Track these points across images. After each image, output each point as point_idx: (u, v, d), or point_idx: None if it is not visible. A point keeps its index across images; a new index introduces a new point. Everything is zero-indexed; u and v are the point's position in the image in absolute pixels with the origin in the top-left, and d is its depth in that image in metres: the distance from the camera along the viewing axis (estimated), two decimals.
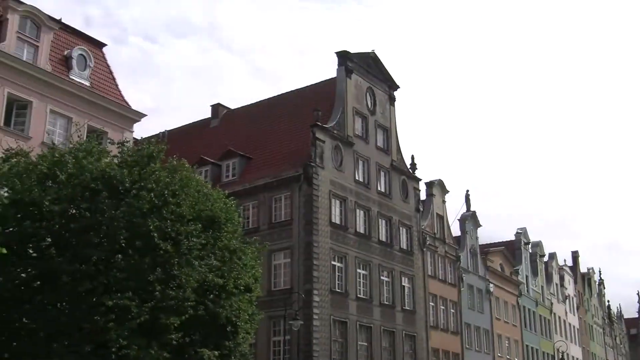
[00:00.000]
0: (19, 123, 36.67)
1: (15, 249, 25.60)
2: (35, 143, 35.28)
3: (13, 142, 32.78)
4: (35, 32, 38.47)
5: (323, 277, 45.36)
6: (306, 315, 42.41)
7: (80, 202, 26.64)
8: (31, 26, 38.42)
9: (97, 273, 25.38)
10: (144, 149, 28.59)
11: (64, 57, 40.17)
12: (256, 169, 50.53)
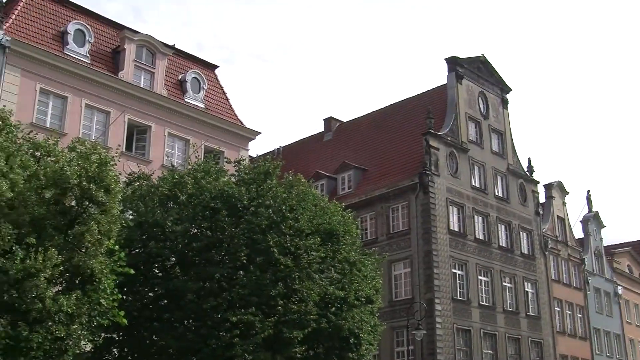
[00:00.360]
0: (139, 147, 37.98)
1: (141, 269, 26.43)
2: (156, 166, 36.44)
3: (135, 166, 33.94)
4: (150, 59, 39.81)
5: (444, 285, 44.91)
6: (429, 325, 42.04)
7: (201, 221, 27.28)
8: (147, 54, 39.78)
9: (220, 290, 25.88)
10: (260, 166, 29.05)
11: (178, 81, 41.39)
12: (372, 180, 50.54)
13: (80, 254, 21.65)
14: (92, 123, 36.20)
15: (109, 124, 36.34)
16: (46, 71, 34.92)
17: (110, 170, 22.51)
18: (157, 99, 38.86)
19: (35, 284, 19.83)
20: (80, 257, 21.45)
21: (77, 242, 21.80)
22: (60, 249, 21.10)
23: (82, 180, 21.54)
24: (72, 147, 23.41)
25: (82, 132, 34.70)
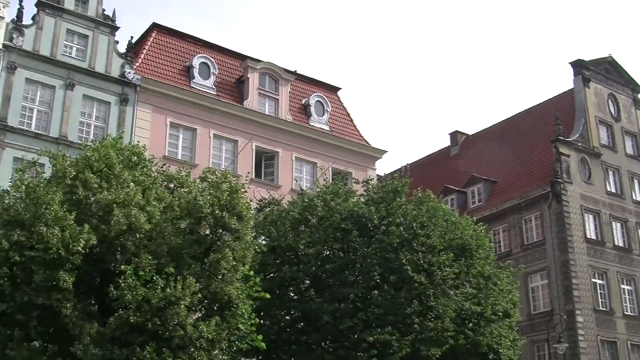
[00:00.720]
0: (268, 173, 38.67)
1: (277, 293, 26.79)
2: (285, 190, 36.96)
3: (265, 192, 34.52)
4: (274, 86, 40.55)
5: (584, 296, 43.41)
6: (570, 337, 40.70)
7: (332, 243, 27.45)
8: (270, 81, 40.55)
9: (356, 310, 25.92)
10: (389, 185, 29.02)
11: (302, 106, 41.95)
12: (502, 191, 49.60)
13: (217, 280, 22.14)
14: (221, 152, 37.12)
15: (237, 153, 37.16)
16: (175, 105, 36.10)
17: (241, 197, 22.95)
18: (283, 125, 39.50)
19: (176, 312, 20.39)
20: (217, 284, 21.93)
21: (213, 270, 22.31)
22: (197, 277, 21.64)
23: (215, 209, 22.06)
24: (203, 177, 24.03)
25: (212, 161, 35.61)
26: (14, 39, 32.46)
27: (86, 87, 33.78)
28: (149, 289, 20.48)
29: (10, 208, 21.61)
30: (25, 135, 31.40)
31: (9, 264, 20.59)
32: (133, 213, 21.44)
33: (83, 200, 22.18)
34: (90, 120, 33.63)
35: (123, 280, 20.56)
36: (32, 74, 32.62)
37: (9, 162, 30.37)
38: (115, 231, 21.60)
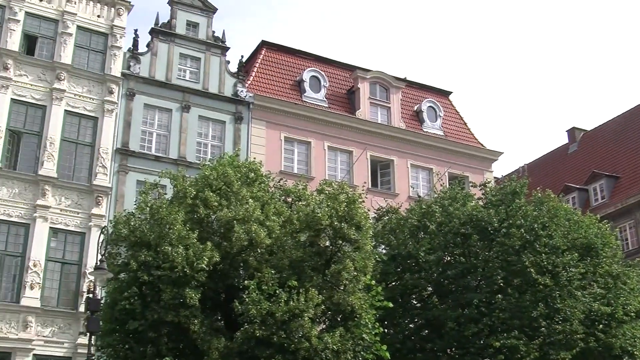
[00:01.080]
0: (384, 182, 38.64)
1: (399, 301, 26.70)
2: (402, 198, 36.84)
3: (382, 200, 34.53)
4: (385, 95, 40.53)
5: None
6: None
7: (453, 248, 27.17)
8: (380, 90, 40.57)
9: (480, 315, 25.53)
10: (507, 187, 28.53)
11: (414, 112, 41.77)
12: (626, 187, 47.89)
13: (339, 291, 22.22)
14: (336, 164, 37.33)
15: (352, 163, 37.29)
16: (288, 120, 36.57)
17: (359, 207, 23.01)
18: (396, 133, 39.41)
19: (300, 324, 20.58)
20: (339, 295, 22.01)
21: (335, 281, 22.41)
22: (320, 289, 21.78)
23: (334, 221, 22.17)
24: (320, 189, 24.21)
25: (328, 173, 35.84)
26: (131, 66, 33.65)
27: (201, 108, 34.64)
28: (273, 302, 20.74)
29: (136, 230, 22.34)
30: (146, 158, 32.43)
31: (138, 283, 21.26)
32: (253, 229, 21.81)
33: (204, 219, 22.73)
34: (207, 140, 34.45)
35: (247, 295, 20.92)
36: (150, 99, 33.69)
37: (132, 185, 31.44)
38: (237, 247, 22.03)
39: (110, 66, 32.91)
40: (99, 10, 33.87)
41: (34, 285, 28.31)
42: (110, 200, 30.93)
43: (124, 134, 32.43)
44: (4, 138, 29.72)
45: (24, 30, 31.93)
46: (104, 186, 30.79)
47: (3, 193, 29.16)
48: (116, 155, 31.91)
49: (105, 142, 31.62)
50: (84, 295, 27.08)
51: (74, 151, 31.30)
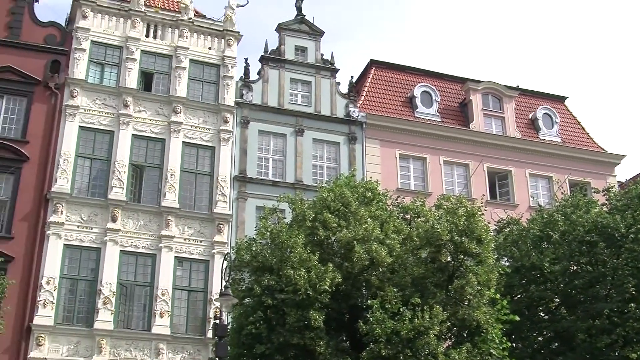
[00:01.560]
0: (503, 193, 37.98)
1: (526, 314, 26.13)
2: (523, 208, 36.11)
3: (502, 212, 33.97)
4: (498, 105, 39.93)
5: None
6: None
7: (579, 257, 26.40)
8: (493, 100, 39.99)
9: (613, 326, 24.65)
10: (632, 190, 27.58)
11: (530, 120, 40.96)
12: None
13: (464, 307, 21.97)
14: (452, 178, 36.96)
15: (469, 176, 36.84)
16: (402, 137, 36.45)
17: (479, 220, 22.76)
18: (512, 142, 38.71)
19: (426, 342, 20.44)
20: (464, 310, 21.76)
21: (458, 296, 22.18)
22: (444, 305, 21.60)
23: (454, 235, 22.00)
24: (438, 204, 24.07)
25: (445, 188, 35.51)
26: (244, 95, 34.35)
27: (315, 130, 34.96)
28: (397, 321, 20.68)
29: (258, 255, 22.75)
30: (264, 184, 32.93)
31: (263, 307, 21.58)
32: (374, 248, 21.87)
33: (324, 241, 22.92)
34: (322, 162, 34.72)
35: (371, 315, 20.93)
36: (264, 125, 34.26)
37: (252, 211, 31.99)
38: (358, 267, 22.11)
39: (224, 96, 33.68)
40: (210, 42, 34.77)
41: (163, 313, 29.10)
42: (231, 227, 31.54)
43: (241, 161, 33.07)
44: (127, 172, 30.79)
45: (141, 68, 33.09)
46: (224, 214, 31.43)
47: (129, 226, 30.18)
48: (234, 183, 32.56)
49: (223, 170, 32.31)
50: (211, 321, 27.68)
51: (193, 181, 32.12)
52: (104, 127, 31.40)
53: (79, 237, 29.41)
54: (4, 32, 31.63)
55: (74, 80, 31.41)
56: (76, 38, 32.35)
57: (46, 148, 30.26)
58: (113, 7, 33.65)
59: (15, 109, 30.75)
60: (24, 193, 29.36)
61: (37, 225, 29.06)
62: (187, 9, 34.59)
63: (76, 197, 29.91)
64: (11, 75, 30.80)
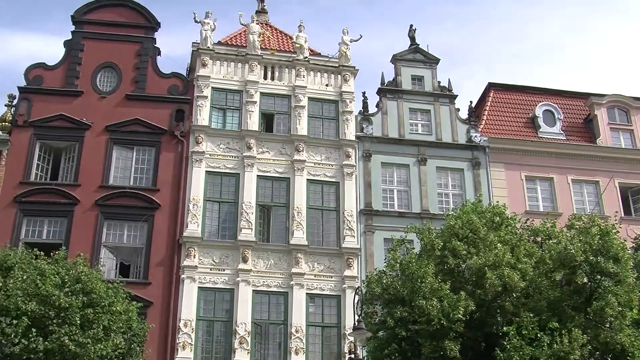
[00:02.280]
0: (638, 209, 36.58)
1: None
2: None
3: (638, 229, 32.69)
4: (625, 117, 38.67)
5: None
6: None
7: None
8: (619, 113, 38.76)
9: None
10: None
11: None
12: None
13: (605, 329, 21.28)
14: (582, 196, 35.89)
15: (600, 193, 35.73)
16: (526, 158, 35.76)
17: (614, 239, 22.10)
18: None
19: None
20: (605, 333, 21.09)
21: (598, 319, 21.51)
22: (583, 328, 20.97)
23: (589, 255, 21.42)
24: (570, 224, 23.48)
25: (575, 207, 34.50)
26: (364, 128, 34.53)
27: (437, 159, 34.74)
28: (535, 347, 20.24)
29: (389, 287, 22.71)
30: (390, 216, 32.88)
31: (397, 339, 21.50)
32: (506, 273, 21.50)
33: (455, 269, 22.71)
34: (447, 190, 34.42)
35: (508, 342, 20.53)
36: (386, 157, 34.30)
37: (380, 244, 31.96)
38: (491, 294, 21.77)
39: (345, 131, 33.98)
40: (327, 79, 35.23)
41: (299, 350, 29.33)
42: (360, 260, 31.59)
43: (366, 195, 33.17)
44: (255, 213, 31.40)
45: (261, 110, 33.82)
46: (352, 248, 31.53)
47: (260, 265, 30.69)
48: (361, 216, 32.66)
49: (349, 204, 32.48)
50: (346, 356, 27.67)
51: (320, 217, 32.42)
52: (229, 171, 32.20)
53: (212, 279, 30.13)
54: (130, 86, 33.06)
55: (198, 127, 32.44)
56: (197, 86, 33.46)
57: (176, 194, 31.28)
58: (231, 54, 34.67)
59: (144, 159, 32.01)
60: (157, 239, 30.37)
61: (172, 269, 29.97)
62: (302, 49, 35.22)
63: (207, 241, 30.70)
64: (139, 127, 32.14)
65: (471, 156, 35.17)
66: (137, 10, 34.85)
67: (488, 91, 39.86)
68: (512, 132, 37.29)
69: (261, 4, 40.59)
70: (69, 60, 33.34)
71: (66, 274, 22.56)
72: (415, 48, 37.43)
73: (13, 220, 29.78)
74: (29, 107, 31.89)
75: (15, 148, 31.04)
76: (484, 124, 37.15)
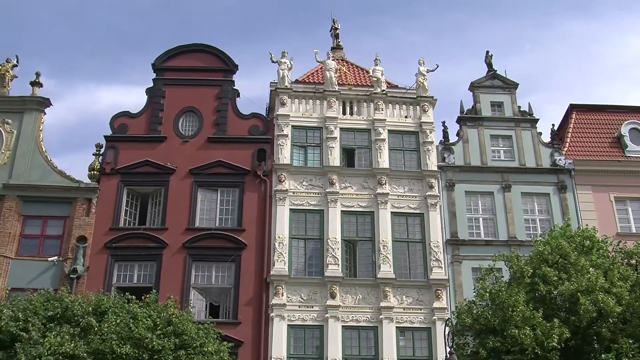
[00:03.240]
0: None
1: None
2: None
3: None
4: None
5: None
6: None
7: None
8: None
9: None
10: None
11: None
12: None
13: None
14: None
15: None
16: (614, 179, 34.89)
17: None
18: None
19: None
20: None
21: None
22: None
23: None
24: None
25: None
26: (446, 158, 34.30)
27: (522, 184, 34.20)
28: None
29: (479, 317, 22.39)
30: (477, 244, 32.45)
31: None
32: (600, 298, 20.99)
33: (546, 295, 22.28)
34: (534, 216, 33.79)
35: None
36: (469, 185, 33.95)
37: (468, 273, 31.52)
38: (586, 320, 21.25)
39: (426, 162, 33.80)
40: (406, 111, 35.19)
41: None
42: (448, 291, 31.22)
43: (451, 225, 32.85)
44: (340, 249, 31.40)
45: (342, 145, 33.96)
46: (440, 279, 31.18)
47: (348, 301, 30.60)
48: (447, 247, 32.33)
49: (435, 235, 32.21)
50: None
51: (406, 250, 32.20)
52: (313, 207, 32.35)
53: (301, 316, 30.17)
54: (211, 129, 33.67)
55: (280, 165, 32.75)
56: (277, 125, 33.85)
57: (261, 233, 31.54)
58: (309, 91, 35.02)
59: (229, 199, 32.44)
60: (245, 279, 30.61)
61: (261, 308, 30.13)
62: (379, 82, 35.33)
63: (294, 278, 30.80)
64: (222, 169, 32.63)
65: (556, 180, 34.50)
66: (214, 55, 35.58)
67: (570, 113, 39.12)
68: (597, 153, 36.46)
69: (336, 40, 40.98)
70: (151, 107, 34.21)
71: (158, 316, 22.96)
72: (493, 74, 37.14)
73: (105, 265, 30.50)
74: (115, 154, 32.78)
75: (104, 195, 31.87)
76: (567, 147, 36.44)
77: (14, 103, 33.67)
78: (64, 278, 29.70)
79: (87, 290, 27.35)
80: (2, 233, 30.58)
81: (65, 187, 31.87)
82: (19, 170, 32.11)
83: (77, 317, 22.59)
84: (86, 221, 31.13)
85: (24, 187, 31.69)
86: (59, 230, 31.29)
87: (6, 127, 33.03)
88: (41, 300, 23.26)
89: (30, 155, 32.51)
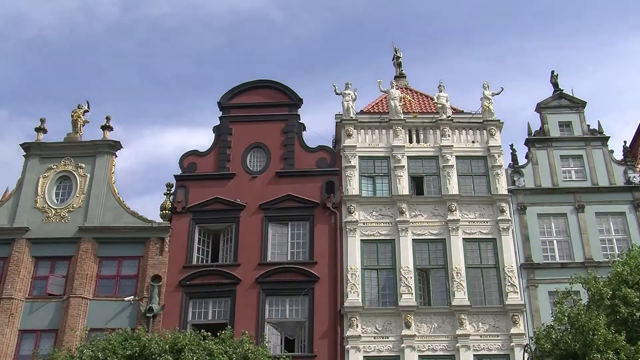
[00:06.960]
0: None
1: None
2: None
3: None
4: None
5: None
6: None
7: None
8: None
9: None
10: None
11: None
12: None
13: None
14: None
15: None
16: None
17: None
18: None
19: None
20: None
21: None
22: None
23: None
24: None
25: None
26: (516, 181, 33.87)
27: (596, 204, 33.52)
28: None
29: (559, 342, 21.95)
30: (552, 268, 31.86)
31: None
32: None
33: (628, 318, 21.73)
34: (610, 236, 33.05)
35: None
36: (541, 208, 33.42)
37: (544, 298, 30.95)
38: None
39: (496, 186, 33.42)
40: (472, 135, 34.93)
41: None
42: (525, 316, 30.67)
43: (525, 248, 32.34)
44: (414, 277, 31.17)
45: (410, 173, 33.84)
46: (517, 304, 30.66)
47: (424, 330, 30.30)
48: (522, 271, 31.81)
49: (508, 260, 31.73)
50: None
51: (480, 276, 31.80)
52: (384, 237, 32.23)
53: (377, 347, 29.98)
54: (279, 164, 33.93)
55: (349, 197, 32.78)
56: (345, 157, 33.93)
57: (333, 265, 31.53)
58: (374, 121, 35.07)
59: (299, 233, 32.55)
60: (319, 311, 30.59)
61: (336, 340, 30.05)
62: (444, 108, 35.19)
63: (368, 309, 30.65)
64: (292, 203, 32.81)
65: (632, 198, 33.70)
66: (279, 90, 35.96)
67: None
68: None
69: (399, 69, 41.01)
70: (219, 145, 34.68)
71: (234, 352, 23.10)
72: (560, 93, 36.64)
73: (180, 303, 30.88)
74: (185, 193, 33.27)
75: (177, 234, 32.32)
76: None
77: (87, 147, 34.55)
78: (141, 317, 30.15)
79: (164, 328, 27.65)
80: (79, 275, 31.24)
81: (138, 227, 32.46)
82: (93, 212, 32.84)
83: (154, 355, 22.87)
84: (160, 260, 31.62)
85: (99, 229, 32.39)
86: (134, 270, 31.85)
87: (80, 171, 33.88)
88: (119, 340, 23.63)
89: (103, 198, 33.24)
